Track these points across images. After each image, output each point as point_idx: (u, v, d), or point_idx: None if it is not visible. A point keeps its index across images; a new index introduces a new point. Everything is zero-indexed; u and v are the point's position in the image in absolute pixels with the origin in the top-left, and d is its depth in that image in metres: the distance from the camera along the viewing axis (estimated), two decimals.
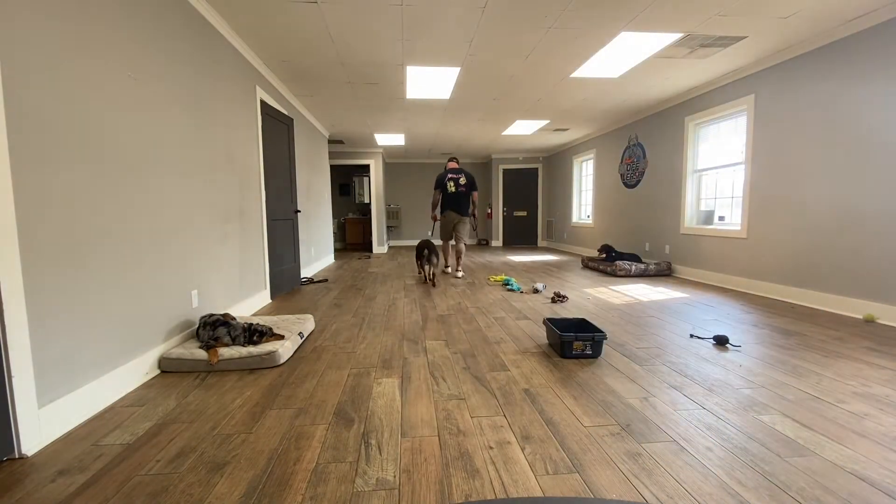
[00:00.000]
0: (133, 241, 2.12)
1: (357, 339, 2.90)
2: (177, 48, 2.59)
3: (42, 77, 1.60)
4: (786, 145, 3.93)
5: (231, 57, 3.41)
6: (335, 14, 3.11)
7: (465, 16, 3.16)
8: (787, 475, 1.33)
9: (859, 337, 2.78)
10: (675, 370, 2.24)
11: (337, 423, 1.72)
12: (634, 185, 6.60)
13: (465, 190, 5.42)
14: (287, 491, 1.29)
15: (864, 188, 3.28)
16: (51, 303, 1.63)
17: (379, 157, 9.21)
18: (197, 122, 2.81)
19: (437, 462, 1.43)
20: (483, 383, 2.11)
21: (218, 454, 1.50)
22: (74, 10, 1.77)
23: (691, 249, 5.30)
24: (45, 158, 1.61)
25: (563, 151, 9.46)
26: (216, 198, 3.08)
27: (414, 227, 11.38)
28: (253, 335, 2.48)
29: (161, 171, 2.38)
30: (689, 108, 5.26)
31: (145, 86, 2.25)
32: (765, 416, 1.72)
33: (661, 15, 3.16)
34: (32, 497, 1.28)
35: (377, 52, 3.84)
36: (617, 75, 4.52)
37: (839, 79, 3.44)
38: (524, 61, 4.10)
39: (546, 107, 5.88)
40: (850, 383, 2.04)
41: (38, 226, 1.58)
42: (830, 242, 3.55)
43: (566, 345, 2.42)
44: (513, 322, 3.28)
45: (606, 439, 1.56)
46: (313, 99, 5.38)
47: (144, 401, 1.95)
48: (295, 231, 5.00)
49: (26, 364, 1.51)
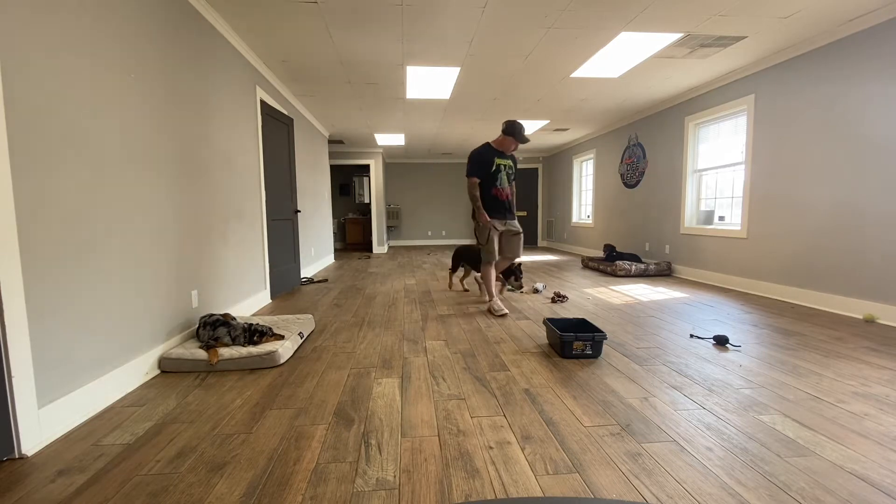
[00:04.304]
0: (133, 240, 2.12)
1: (357, 339, 2.90)
2: (176, 48, 2.59)
3: (42, 77, 1.60)
4: (786, 145, 3.93)
5: (231, 56, 3.41)
6: (335, 14, 3.10)
7: (465, 16, 3.16)
8: (787, 475, 1.33)
9: (859, 337, 2.78)
10: (675, 370, 2.24)
11: (337, 423, 1.72)
12: (634, 185, 6.60)
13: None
14: (287, 491, 1.29)
15: (865, 188, 3.28)
16: (51, 303, 1.63)
17: (379, 157, 9.21)
18: (197, 122, 2.81)
19: (437, 462, 1.43)
20: (483, 383, 2.11)
21: (218, 454, 1.50)
22: (74, 10, 1.77)
23: (691, 249, 5.30)
24: (45, 158, 1.61)
25: (563, 151, 9.46)
26: (216, 197, 3.08)
27: (414, 227, 11.38)
28: (253, 335, 2.48)
29: (161, 170, 2.38)
30: (689, 108, 5.26)
31: (145, 85, 2.25)
32: (765, 416, 1.72)
33: (661, 15, 3.16)
34: (32, 497, 1.28)
35: (377, 52, 3.84)
36: (617, 75, 4.52)
37: (839, 79, 3.44)
38: (524, 61, 4.10)
39: (546, 107, 5.88)
40: (850, 383, 2.04)
41: (38, 226, 1.58)
42: (830, 242, 3.55)
43: (566, 345, 2.42)
44: (513, 322, 3.28)
45: (606, 439, 1.56)
46: (313, 99, 5.38)
47: (144, 401, 1.95)
48: (295, 231, 4.99)
49: (26, 364, 1.51)
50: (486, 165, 3.44)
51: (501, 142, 3.49)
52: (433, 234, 11.45)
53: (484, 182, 3.47)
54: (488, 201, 3.49)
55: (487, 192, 3.48)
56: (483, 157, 3.45)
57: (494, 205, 3.50)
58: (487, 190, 3.48)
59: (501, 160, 3.49)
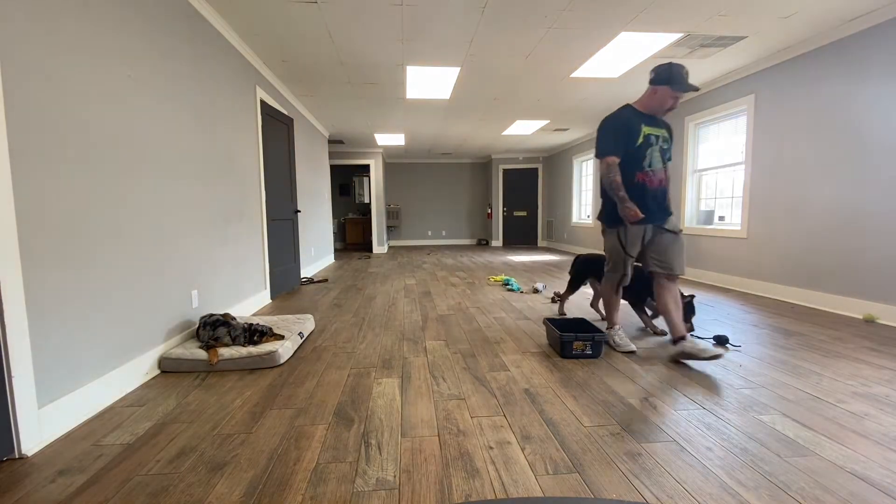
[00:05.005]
0: (133, 241, 2.12)
1: (357, 339, 2.90)
2: (176, 48, 2.59)
3: (42, 77, 1.60)
4: (786, 145, 3.93)
5: (231, 57, 3.41)
6: (335, 14, 3.11)
7: (465, 16, 3.16)
8: (787, 475, 1.33)
9: (859, 337, 2.78)
10: (675, 370, 2.24)
11: (337, 423, 1.72)
12: None
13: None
14: (287, 491, 1.29)
15: (864, 188, 3.28)
16: (51, 303, 1.63)
17: (379, 156, 9.20)
18: (196, 122, 2.81)
19: (437, 462, 1.43)
20: (483, 383, 2.11)
21: (218, 454, 1.50)
22: (74, 10, 1.77)
23: (691, 249, 5.30)
24: (45, 159, 1.61)
25: (563, 151, 9.46)
26: (216, 198, 3.08)
27: (414, 227, 11.37)
28: (253, 335, 2.48)
29: (160, 170, 2.38)
30: (689, 108, 5.26)
31: (144, 86, 2.25)
32: (765, 416, 1.72)
33: (661, 15, 3.16)
34: (32, 497, 1.28)
35: (377, 52, 3.84)
36: (617, 75, 4.52)
37: (839, 79, 3.44)
38: (524, 61, 4.10)
39: (546, 107, 5.88)
40: (850, 383, 2.04)
41: (39, 226, 1.58)
42: (830, 242, 3.55)
43: (566, 345, 2.42)
44: (513, 322, 3.28)
45: (606, 439, 1.56)
46: (313, 99, 5.38)
47: (144, 401, 1.95)
48: (295, 231, 4.99)
49: (26, 364, 1.51)
50: (629, 136, 2.33)
51: (650, 99, 2.36)
52: (433, 234, 11.45)
53: (623, 162, 2.36)
54: (630, 191, 2.35)
55: (628, 179, 2.36)
56: (623, 123, 2.34)
57: (640, 197, 2.35)
58: (628, 175, 2.36)
59: (651, 129, 2.35)
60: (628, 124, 2.34)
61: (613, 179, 2.34)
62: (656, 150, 2.36)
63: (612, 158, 2.35)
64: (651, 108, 2.38)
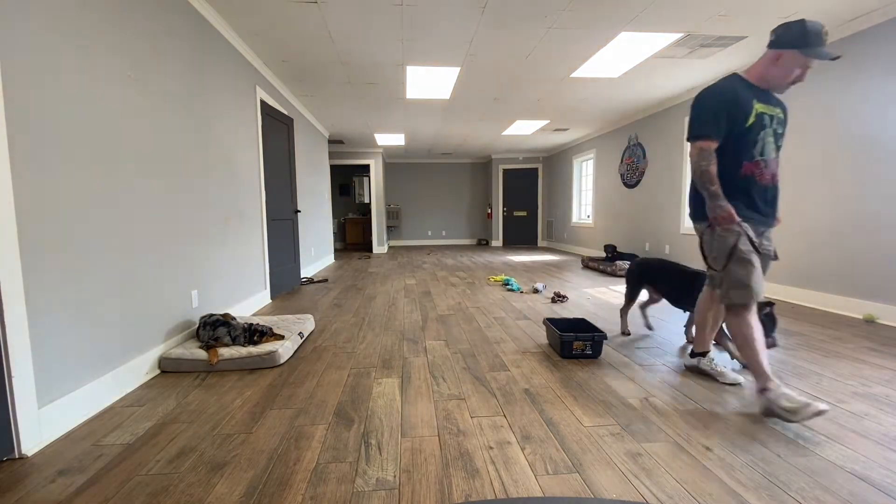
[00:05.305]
0: (133, 241, 2.12)
1: (357, 339, 2.90)
2: (176, 48, 2.59)
3: (42, 77, 1.60)
4: (785, 145, 3.93)
5: (231, 57, 3.41)
6: (335, 14, 3.10)
7: (465, 16, 3.16)
8: (787, 475, 1.33)
9: (859, 337, 2.78)
10: (675, 370, 2.24)
11: (337, 423, 1.72)
12: (634, 185, 6.60)
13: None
14: (287, 491, 1.29)
15: (864, 188, 3.28)
16: (51, 303, 1.63)
17: (379, 156, 9.20)
18: (196, 122, 2.81)
19: (437, 462, 1.43)
20: (483, 383, 2.11)
21: (218, 454, 1.50)
22: (74, 10, 1.77)
23: (691, 249, 5.30)
24: (45, 159, 1.61)
25: (563, 151, 9.46)
26: (216, 197, 3.08)
27: (414, 227, 11.37)
28: (253, 335, 2.48)
29: (160, 170, 2.37)
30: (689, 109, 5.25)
31: (144, 85, 2.25)
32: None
33: (661, 15, 3.16)
34: (32, 497, 1.28)
35: (377, 52, 3.84)
36: (617, 75, 4.52)
37: (839, 79, 3.44)
38: (524, 61, 4.09)
39: (546, 107, 5.88)
40: (850, 383, 2.04)
41: (38, 226, 1.58)
42: (830, 242, 3.55)
43: (566, 345, 2.42)
44: (513, 322, 3.28)
45: (606, 439, 1.56)
46: (313, 99, 5.38)
47: (144, 401, 1.95)
48: (295, 231, 4.99)
49: (26, 364, 1.51)
50: (737, 114, 1.78)
51: (770, 67, 1.78)
52: (433, 234, 11.45)
53: (726, 148, 1.81)
54: (734, 186, 1.82)
55: (733, 170, 1.82)
56: (730, 97, 1.78)
57: (747, 195, 1.83)
58: (731, 166, 1.82)
59: (765, 106, 1.80)
60: (736, 99, 1.77)
61: (707, 169, 1.78)
62: (770, 135, 1.79)
63: (706, 143, 1.80)
64: (768, 80, 1.79)
